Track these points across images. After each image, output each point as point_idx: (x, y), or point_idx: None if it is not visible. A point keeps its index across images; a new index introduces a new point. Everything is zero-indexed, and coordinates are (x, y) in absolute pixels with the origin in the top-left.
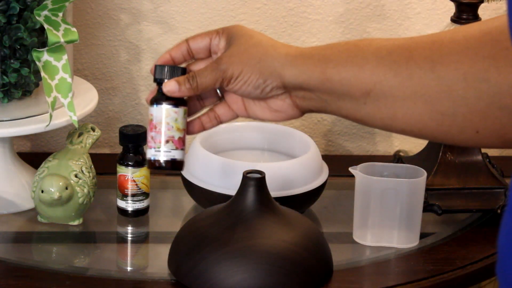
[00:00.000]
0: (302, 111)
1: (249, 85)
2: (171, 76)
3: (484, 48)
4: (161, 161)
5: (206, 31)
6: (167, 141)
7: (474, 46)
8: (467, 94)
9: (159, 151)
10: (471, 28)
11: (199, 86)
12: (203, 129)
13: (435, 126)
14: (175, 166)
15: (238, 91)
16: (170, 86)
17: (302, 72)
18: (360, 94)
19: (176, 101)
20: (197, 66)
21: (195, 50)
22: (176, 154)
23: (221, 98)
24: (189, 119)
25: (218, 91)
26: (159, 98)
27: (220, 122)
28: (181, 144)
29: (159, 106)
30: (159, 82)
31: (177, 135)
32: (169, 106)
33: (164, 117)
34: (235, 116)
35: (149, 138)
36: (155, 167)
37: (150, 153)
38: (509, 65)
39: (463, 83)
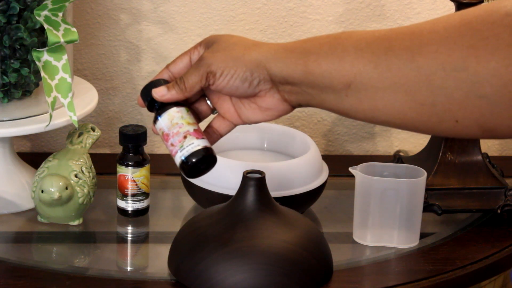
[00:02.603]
0: (292, 106)
1: (237, 79)
2: (150, 93)
3: (464, 38)
4: (190, 154)
5: (182, 52)
6: (185, 137)
7: (454, 36)
8: (446, 83)
9: (184, 148)
10: (451, 18)
11: (187, 86)
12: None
13: (415, 116)
14: (205, 153)
15: (226, 87)
16: (160, 91)
17: (286, 66)
18: (341, 86)
19: (174, 104)
20: None
21: (177, 73)
22: (201, 143)
23: (213, 110)
24: None
25: (208, 102)
26: (157, 113)
27: (220, 135)
28: (199, 134)
29: (160, 117)
30: (150, 102)
31: (191, 128)
32: (169, 110)
33: (171, 121)
34: (232, 126)
35: (170, 149)
36: (190, 164)
37: (178, 158)
38: (489, 54)
39: (442, 73)
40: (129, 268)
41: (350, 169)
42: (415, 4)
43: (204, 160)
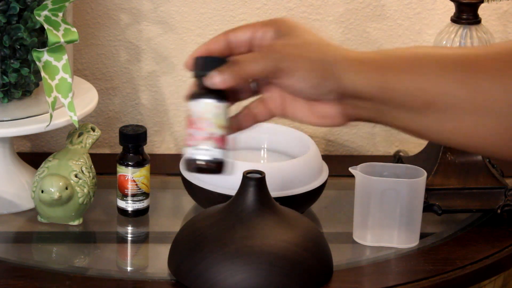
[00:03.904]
0: (349, 120)
1: (307, 83)
2: (212, 68)
3: None
4: (201, 160)
5: (247, 24)
6: (207, 139)
7: None
8: None
9: (198, 149)
10: None
11: (244, 74)
12: (241, 128)
13: (499, 141)
14: (215, 166)
15: (290, 87)
16: (213, 77)
17: (362, 79)
18: (421, 105)
19: (217, 96)
20: None
21: (235, 44)
22: (218, 154)
23: (255, 92)
24: None
25: (251, 85)
26: (198, 92)
27: (257, 121)
28: (223, 142)
29: (198, 100)
30: (198, 75)
31: (218, 132)
32: (209, 101)
33: (204, 113)
34: (272, 116)
35: (187, 134)
36: (193, 167)
37: (188, 152)
38: None
39: None
40: (129, 268)
41: (350, 169)
42: (415, 4)
43: (208, 171)
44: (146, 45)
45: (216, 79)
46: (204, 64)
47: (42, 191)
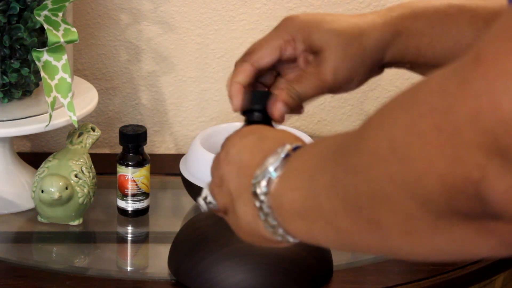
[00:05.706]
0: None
1: (357, 85)
2: (263, 102)
3: None
4: None
5: (267, 42)
6: None
7: None
8: None
9: None
10: None
11: (302, 99)
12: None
13: None
14: None
15: (339, 92)
16: (279, 110)
17: (397, 53)
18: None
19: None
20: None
21: (264, 70)
22: None
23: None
24: None
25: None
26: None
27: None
28: None
29: None
30: (247, 111)
31: None
32: None
33: None
34: None
35: None
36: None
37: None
38: None
39: None
40: (129, 268)
41: None
42: None
43: None
44: (146, 45)
45: (282, 110)
46: (254, 99)
47: (42, 191)
